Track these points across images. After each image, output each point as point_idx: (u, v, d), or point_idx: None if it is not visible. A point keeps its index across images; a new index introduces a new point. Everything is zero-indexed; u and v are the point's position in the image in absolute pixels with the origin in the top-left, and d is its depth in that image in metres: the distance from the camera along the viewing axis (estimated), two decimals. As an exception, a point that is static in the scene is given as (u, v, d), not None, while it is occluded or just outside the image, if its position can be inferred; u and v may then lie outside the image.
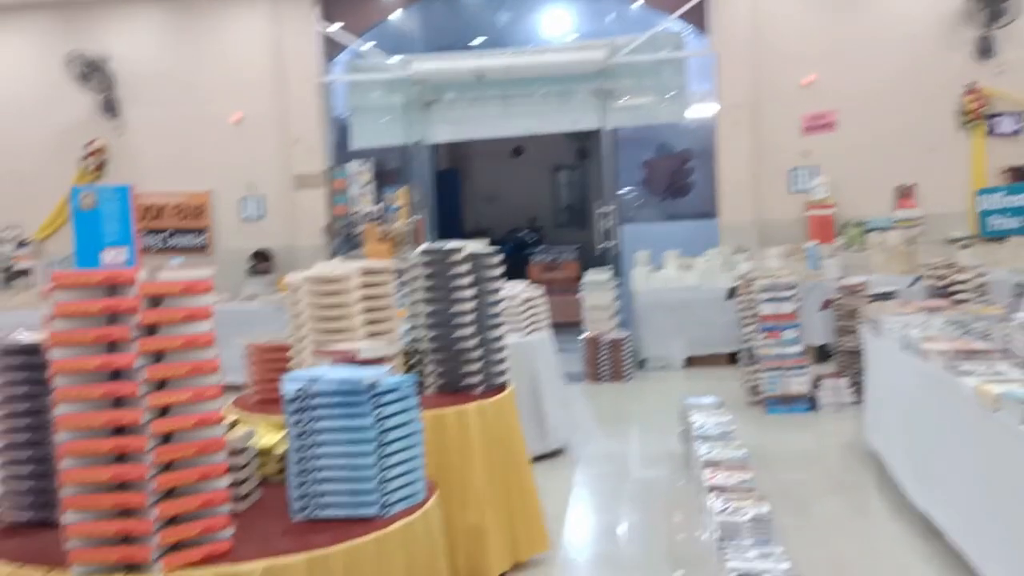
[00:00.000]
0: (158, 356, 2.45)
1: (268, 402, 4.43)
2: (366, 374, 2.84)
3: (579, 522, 5.63)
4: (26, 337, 2.86)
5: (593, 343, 9.44)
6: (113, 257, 2.30)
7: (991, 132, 10.37)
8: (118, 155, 11.61)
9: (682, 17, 10.91)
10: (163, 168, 11.36)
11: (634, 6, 11.53)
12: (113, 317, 2.39)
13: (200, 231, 11.63)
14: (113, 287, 2.40)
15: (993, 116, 10.33)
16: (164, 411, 2.46)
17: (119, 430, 2.41)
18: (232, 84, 11.39)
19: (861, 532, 5.27)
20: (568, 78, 11.11)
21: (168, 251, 11.42)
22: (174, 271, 2.48)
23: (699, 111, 11.42)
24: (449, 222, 14.27)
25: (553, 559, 4.86)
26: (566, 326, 9.65)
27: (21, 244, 11.61)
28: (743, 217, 10.63)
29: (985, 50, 10.23)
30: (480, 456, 4.28)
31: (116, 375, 2.41)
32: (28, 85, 11.60)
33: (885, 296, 7.39)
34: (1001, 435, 3.67)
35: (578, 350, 9.51)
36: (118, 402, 2.41)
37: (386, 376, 2.89)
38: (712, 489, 4.18)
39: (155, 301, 2.45)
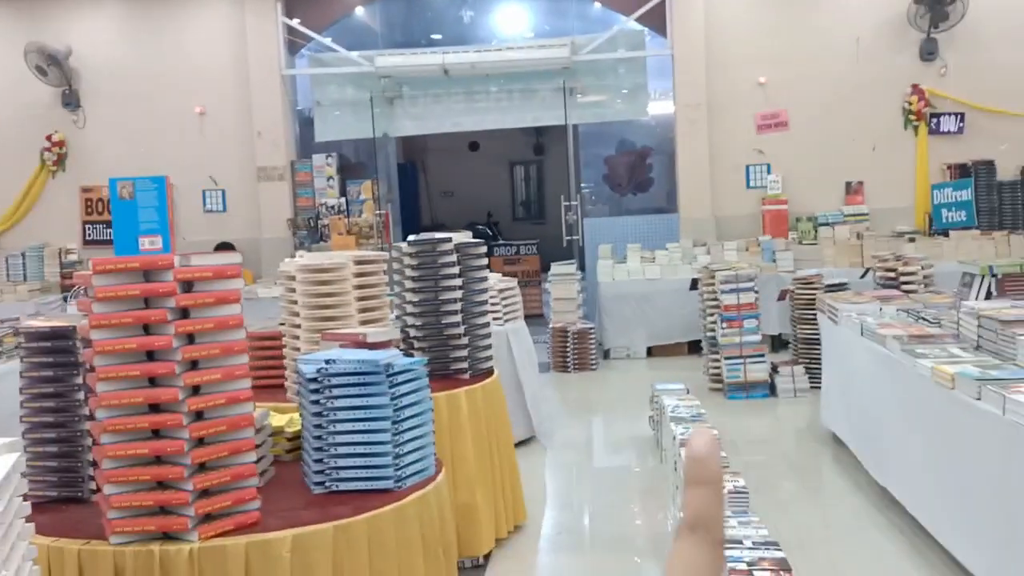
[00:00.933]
0: (191, 337, 2.60)
1: (259, 388, 4.56)
2: (380, 356, 3.01)
3: (552, 503, 5.85)
4: (50, 322, 2.98)
5: (559, 334, 9.67)
6: (150, 244, 2.41)
7: (934, 131, 10.79)
8: (79, 148, 11.55)
9: (640, 19, 11.17)
10: (125, 161, 11.30)
11: (595, 6, 11.77)
12: (150, 300, 2.54)
13: (162, 224, 11.61)
14: (150, 272, 2.54)
15: (936, 116, 10.75)
16: (196, 390, 2.61)
17: (155, 407, 2.55)
18: (194, 77, 11.39)
19: (822, 507, 5.56)
20: (531, 75, 11.32)
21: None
22: (205, 257, 2.63)
23: (659, 109, 11.70)
24: (407, 216, 14.40)
25: (530, 536, 5.07)
26: (528, 318, 9.84)
27: (-22, 237, 11.49)
28: (701, 212, 10.93)
29: (929, 53, 10.64)
30: (470, 438, 4.47)
31: (151, 355, 2.56)
32: (-14, 77, 11.50)
33: (838, 287, 7.71)
34: (957, 411, 3.96)
35: (543, 341, 9.73)
36: (154, 381, 2.56)
37: (399, 358, 3.06)
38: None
39: (188, 286, 2.60)
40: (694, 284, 9.24)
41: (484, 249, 4.97)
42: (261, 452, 3.10)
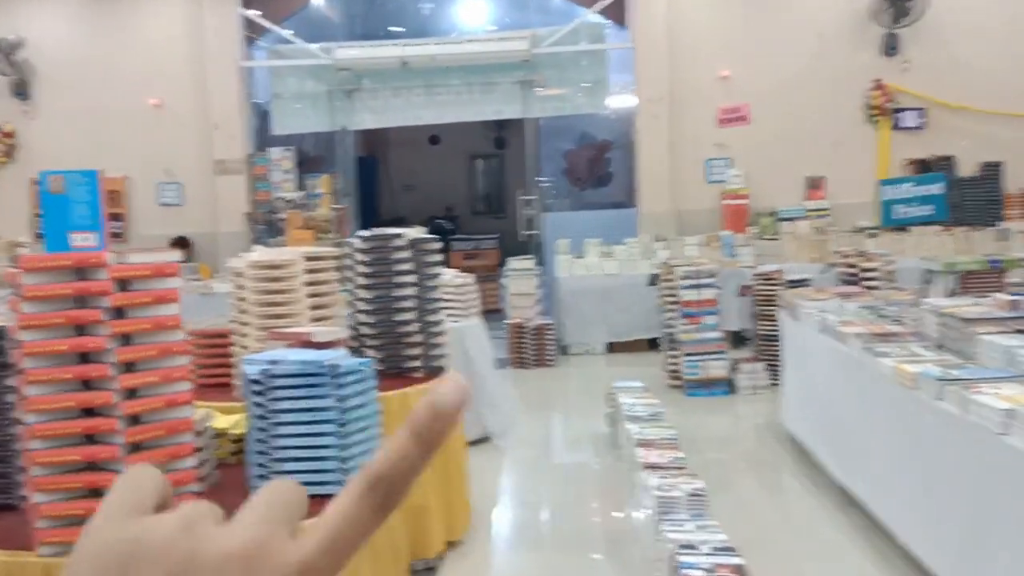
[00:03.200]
0: (127, 338, 2.48)
1: (207, 388, 4.44)
2: (326, 356, 2.91)
3: (508, 502, 5.77)
4: (-20, 321, 2.84)
5: (517, 330, 9.59)
6: (82, 241, 2.29)
7: (896, 126, 10.85)
8: (30, 139, 11.29)
9: (602, 12, 11.11)
10: (77, 153, 11.04)
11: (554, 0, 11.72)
12: (83, 300, 2.42)
13: (116, 217, 11.38)
14: (83, 270, 2.42)
15: (898, 111, 10.81)
16: (133, 393, 2.49)
17: (89, 411, 2.43)
18: (150, 68, 11.17)
19: (782, 507, 5.54)
20: (491, 68, 11.22)
21: (82, 238, 11.15)
22: (142, 255, 2.51)
23: (619, 102, 11.66)
24: (367, 210, 14.24)
25: (481, 538, 5.00)
26: (487, 313, 9.75)
27: (-76, 230, 11.15)
28: (661, 206, 10.90)
29: (891, 48, 10.69)
30: (422, 439, 4.38)
31: (85, 358, 2.44)
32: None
33: (800, 283, 7.71)
34: (918, 410, 3.93)
35: (501, 336, 9.65)
36: (87, 384, 2.44)
37: (345, 358, 2.96)
38: (647, 467, 4.36)
39: (124, 284, 2.48)
40: (653, 280, 9.20)
41: (439, 245, 4.87)
42: (203, 456, 2.99)
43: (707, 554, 3.19)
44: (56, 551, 2.43)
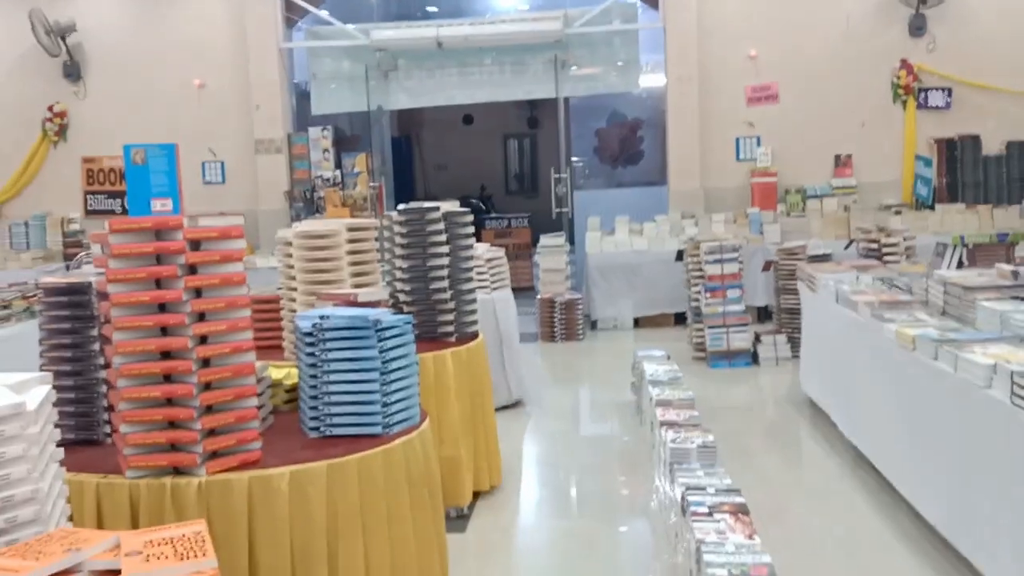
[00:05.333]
0: (198, 292, 2.84)
1: (259, 349, 4.79)
2: (370, 313, 3.26)
3: (534, 462, 6.12)
4: (67, 279, 3.22)
5: (547, 304, 9.91)
6: (161, 206, 2.62)
7: (922, 106, 11.00)
8: (80, 119, 11.75)
9: (632, -9, 11.35)
10: (124, 132, 11.44)
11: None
12: (161, 257, 2.78)
13: (162, 195, 11.82)
14: (161, 231, 2.78)
15: (924, 90, 10.95)
16: (204, 339, 2.85)
17: (167, 355, 2.80)
18: (194, 51, 11.56)
19: (799, 469, 5.84)
20: (524, 48, 11.49)
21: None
22: (211, 219, 2.87)
23: (650, 81, 11.89)
24: (401, 189, 14.61)
25: (509, 494, 5.35)
26: (519, 290, 10.09)
27: (-20, 207, 11.69)
28: (691, 184, 11.14)
29: (918, 28, 10.83)
30: (455, 397, 4.74)
31: (163, 307, 2.80)
32: (-12, 49, 11.67)
33: (822, 258, 7.95)
34: (917, 371, 4.22)
35: (532, 312, 9.99)
36: (165, 331, 2.81)
37: (387, 315, 3.31)
38: (663, 424, 4.68)
39: (196, 244, 2.83)
40: (679, 255, 9.48)
41: (471, 218, 5.20)
42: (261, 400, 3.36)
43: (712, 494, 3.51)
44: (140, 474, 2.81)
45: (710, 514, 3.29)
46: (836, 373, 5.78)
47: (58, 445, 3.07)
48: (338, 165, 11.64)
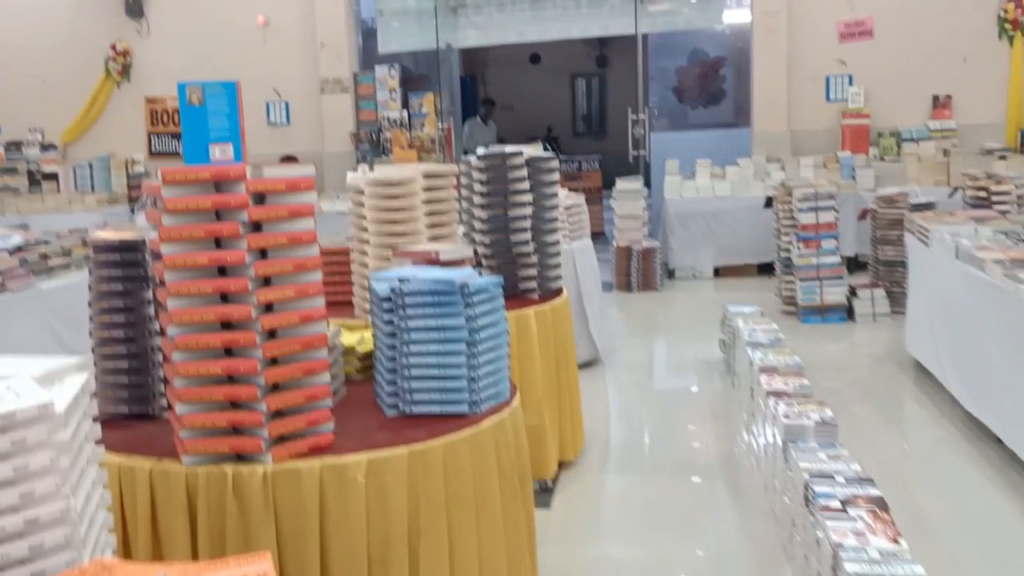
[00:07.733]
0: (263, 253, 2.46)
1: (327, 305, 4.45)
2: (456, 275, 2.85)
3: (618, 426, 5.73)
4: (120, 235, 2.87)
5: (624, 252, 9.45)
6: (221, 153, 2.27)
7: (1031, 41, 10.17)
8: (142, 58, 11.48)
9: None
10: (187, 72, 11.16)
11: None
12: (221, 213, 2.40)
13: (226, 136, 11.55)
14: (221, 183, 2.40)
15: (1034, 25, 10.12)
16: (269, 307, 2.48)
17: (228, 325, 2.44)
18: (257, -14, 11.19)
19: (906, 436, 5.36)
20: (600, -19, 10.89)
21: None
22: (278, 168, 2.47)
23: (733, 17, 11.19)
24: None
25: (594, 460, 4.97)
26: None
27: (45, 148, 11.53)
28: (777, 126, 10.51)
29: (1029, -44, 9.97)
30: (539, 359, 4.34)
31: (223, 271, 2.43)
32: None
33: (925, 207, 7.35)
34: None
35: (606, 259, 9.53)
36: (225, 298, 2.44)
37: (474, 277, 2.90)
38: (771, 394, 4.24)
39: (260, 198, 2.45)
40: (769, 202, 8.92)
41: (556, 164, 4.75)
42: (334, 372, 2.99)
43: (842, 484, 3.08)
44: (198, 460, 2.47)
45: (843, 509, 2.86)
46: (954, 337, 5.25)
47: (108, 421, 2.77)
48: (405, 105, 11.23)
